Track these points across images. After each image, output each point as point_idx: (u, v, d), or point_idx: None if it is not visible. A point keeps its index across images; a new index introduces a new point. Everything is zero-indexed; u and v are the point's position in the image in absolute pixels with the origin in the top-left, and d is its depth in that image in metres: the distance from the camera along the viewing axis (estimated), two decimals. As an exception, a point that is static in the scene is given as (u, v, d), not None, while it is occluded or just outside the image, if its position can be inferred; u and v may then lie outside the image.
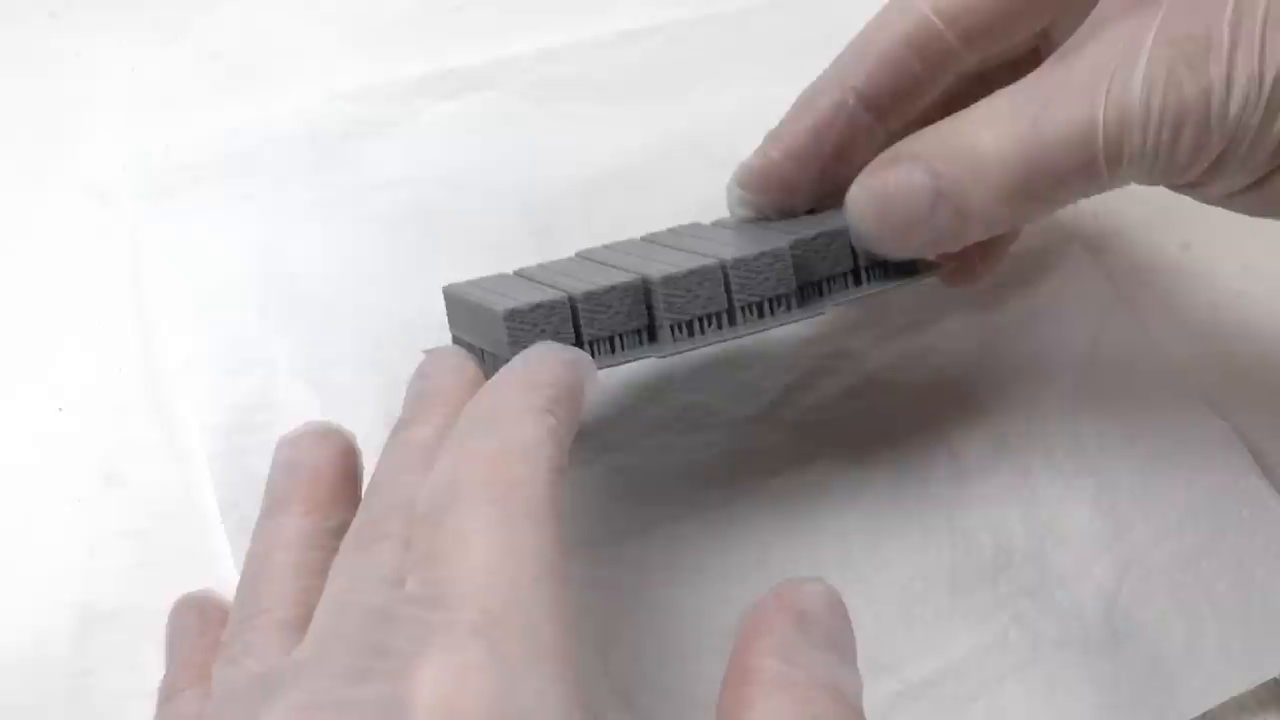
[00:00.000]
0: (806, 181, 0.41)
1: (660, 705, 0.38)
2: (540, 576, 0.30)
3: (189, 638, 0.36)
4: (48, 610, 0.39)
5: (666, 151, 0.48)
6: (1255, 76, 0.35)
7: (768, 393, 0.44)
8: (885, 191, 0.38)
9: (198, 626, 0.36)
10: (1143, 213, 0.48)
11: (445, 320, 0.41)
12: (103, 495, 0.41)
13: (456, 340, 0.41)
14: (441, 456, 0.33)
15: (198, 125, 0.49)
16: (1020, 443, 0.43)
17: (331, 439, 0.37)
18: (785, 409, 0.44)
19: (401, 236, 0.46)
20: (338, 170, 0.48)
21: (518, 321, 0.36)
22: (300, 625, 0.32)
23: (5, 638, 0.38)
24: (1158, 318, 0.45)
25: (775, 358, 0.44)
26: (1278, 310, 0.46)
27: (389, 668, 0.29)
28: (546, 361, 0.35)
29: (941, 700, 0.34)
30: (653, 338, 0.38)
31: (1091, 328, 0.45)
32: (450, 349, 0.39)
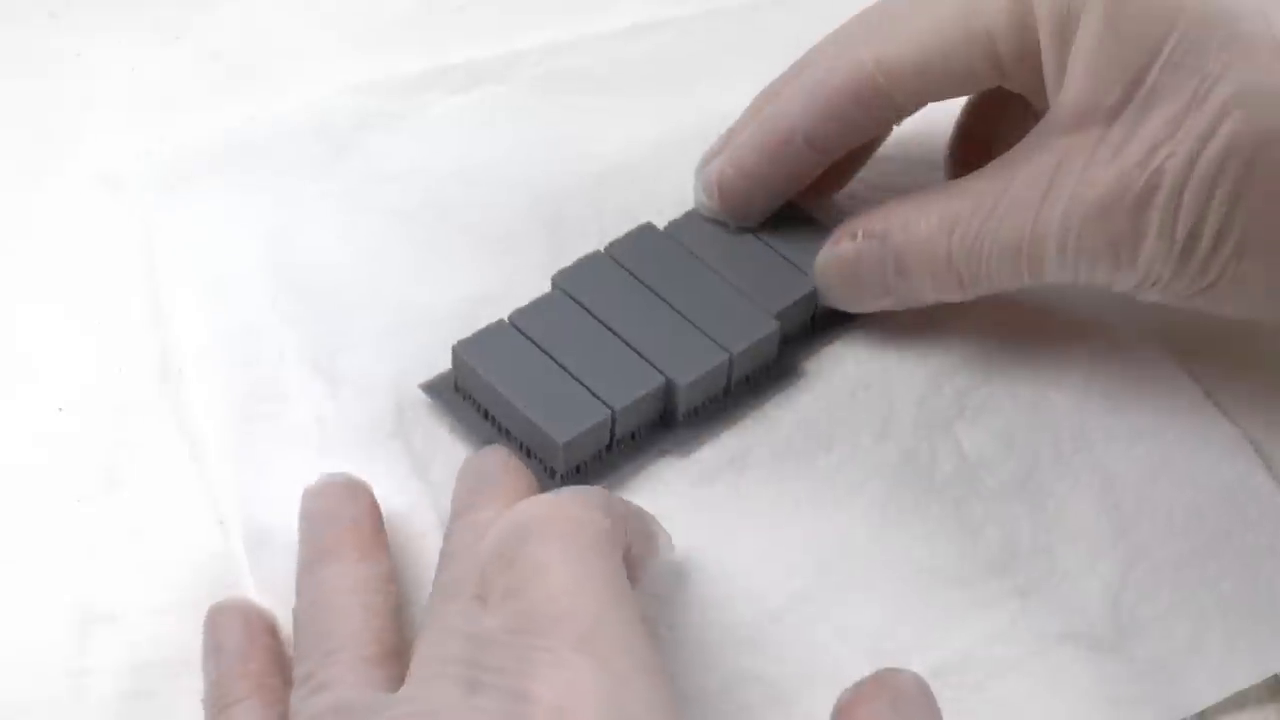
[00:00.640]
0: (760, 197, 0.45)
1: None
2: (618, 599, 0.32)
3: (238, 646, 0.37)
4: (48, 610, 0.38)
5: (674, 144, 0.48)
6: (1167, 234, 0.38)
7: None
8: (850, 263, 0.43)
9: (245, 634, 0.37)
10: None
11: (454, 309, 0.42)
12: (103, 495, 0.41)
13: (460, 392, 0.42)
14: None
15: (198, 125, 0.50)
16: (1027, 438, 0.43)
17: (359, 492, 0.39)
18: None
19: (412, 228, 0.47)
20: (348, 161, 0.48)
21: (573, 449, 0.40)
22: (383, 662, 0.34)
23: (5, 638, 0.38)
24: (1158, 317, 0.45)
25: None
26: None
27: (503, 682, 0.31)
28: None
29: (946, 691, 0.34)
30: (664, 423, 0.42)
31: (1100, 326, 0.45)
32: (500, 449, 0.40)
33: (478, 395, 0.42)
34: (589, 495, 0.36)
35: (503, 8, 0.55)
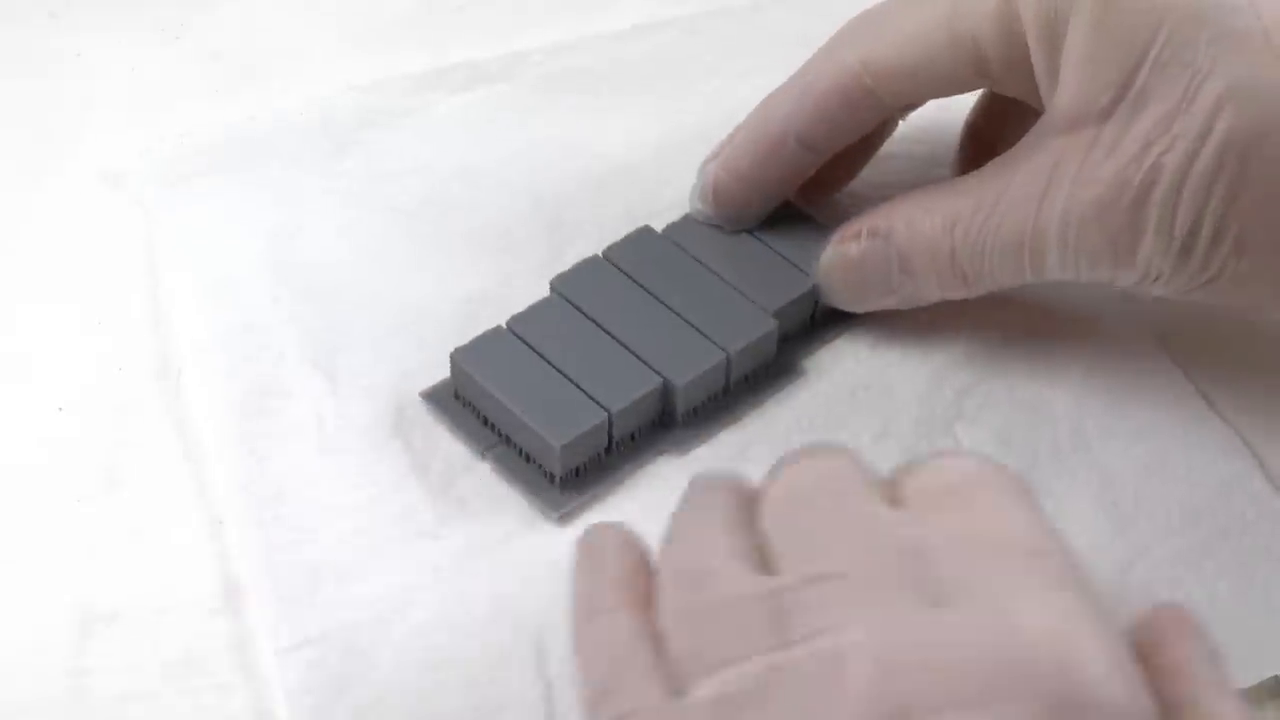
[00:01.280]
0: (755, 199, 0.45)
1: None
2: None
3: (614, 558, 0.35)
4: (48, 610, 0.38)
5: (677, 144, 0.48)
6: (1166, 230, 0.38)
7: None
8: (855, 262, 0.43)
9: (619, 551, 0.35)
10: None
11: (455, 308, 0.43)
12: (103, 495, 0.41)
13: (460, 399, 0.42)
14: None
15: (198, 125, 0.50)
16: (1026, 437, 0.43)
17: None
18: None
19: (414, 226, 0.47)
20: (351, 159, 0.49)
21: (570, 452, 0.40)
22: None
23: (5, 638, 0.38)
24: (1157, 318, 0.45)
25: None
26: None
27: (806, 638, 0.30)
28: None
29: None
30: (663, 424, 0.42)
31: (1099, 326, 0.45)
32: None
33: (476, 402, 0.42)
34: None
35: (503, 8, 0.55)
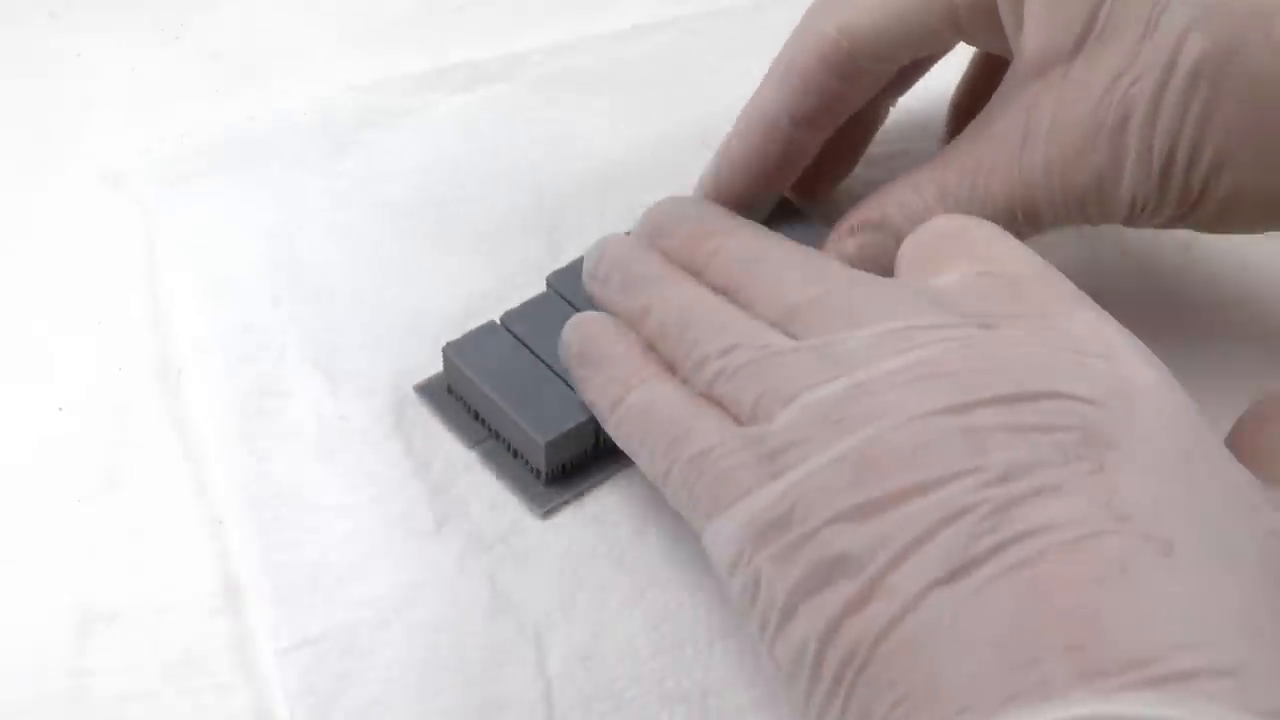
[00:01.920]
0: (759, 192, 0.44)
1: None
2: None
3: (625, 346, 0.38)
4: (48, 610, 0.38)
5: (677, 144, 0.49)
6: (1145, 158, 0.38)
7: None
8: (854, 259, 0.42)
9: (623, 339, 0.39)
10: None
11: (455, 308, 0.43)
12: (103, 495, 0.41)
13: (454, 395, 0.42)
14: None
15: (198, 125, 0.50)
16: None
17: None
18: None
19: (414, 226, 0.47)
20: (351, 159, 0.49)
21: (555, 449, 0.40)
22: None
23: (5, 638, 0.38)
24: (1158, 317, 0.45)
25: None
26: (1278, 310, 0.46)
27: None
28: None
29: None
30: None
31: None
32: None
33: (467, 396, 0.42)
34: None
35: (503, 8, 0.55)
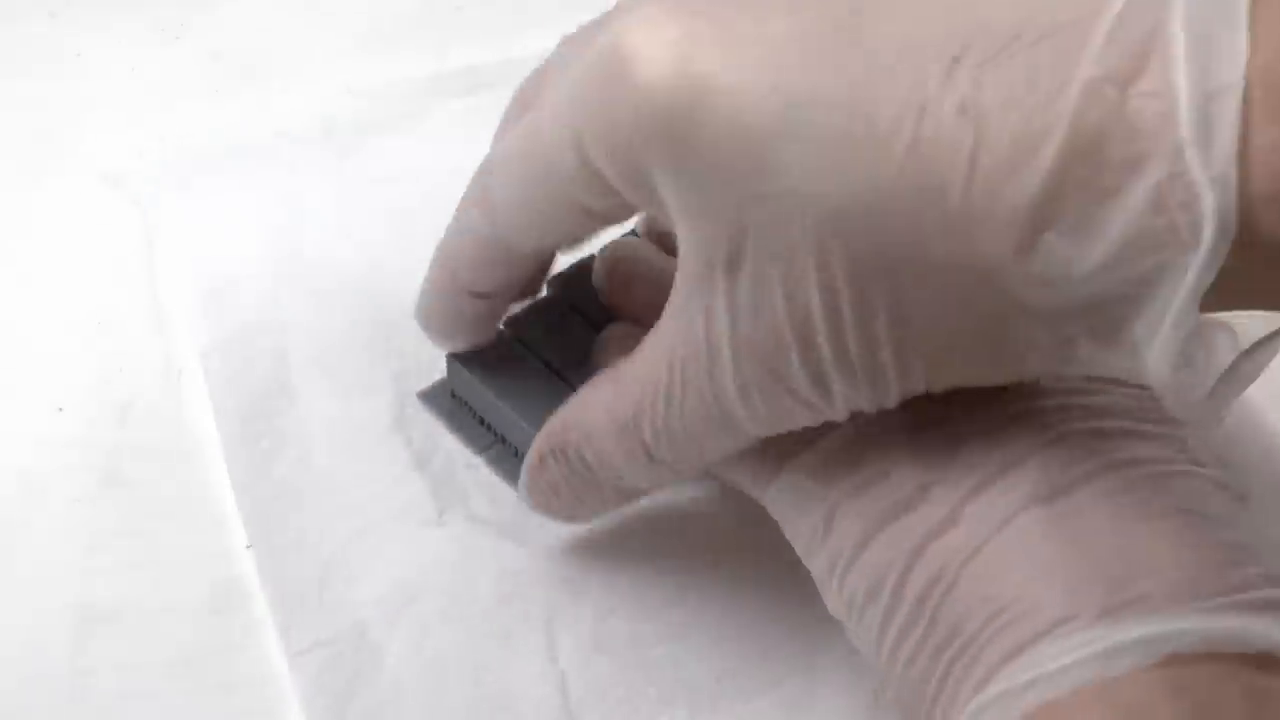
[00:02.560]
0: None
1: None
2: None
3: None
4: (47, 610, 0.38)
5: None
6: (848, 369, 0.33)
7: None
8: (557, 488, 0.38)
9: None
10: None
11: None
12: (103, 495, 0.41)
13: (456, 399, 0.42)
14: None
15: (198, 125, 0.50)
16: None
17: None
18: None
19: (414, 228, 0.46)
20: (352, 161, 0.49)
21: None
22: None
23: (5, 638, 0.38)
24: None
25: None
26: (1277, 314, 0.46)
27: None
28: None
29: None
30: None
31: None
32: None
33: (472, 402, 0.42)
34: None
35: (503, 8, 0.55)
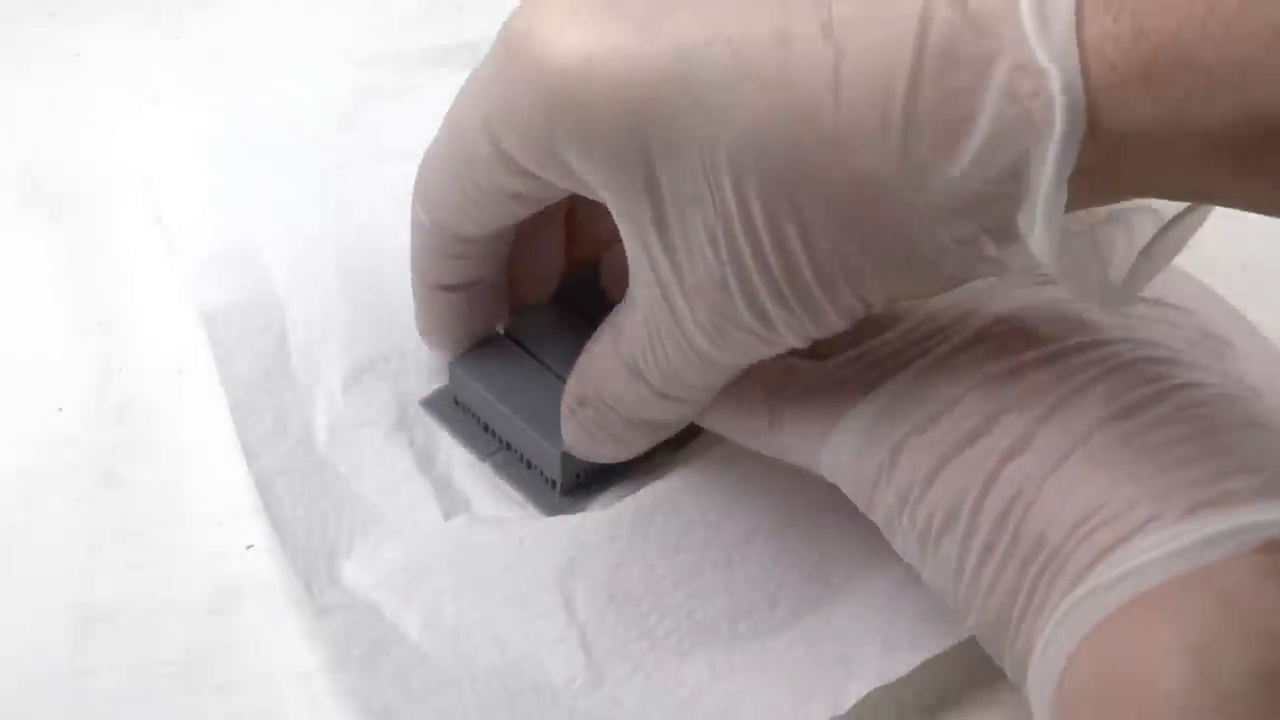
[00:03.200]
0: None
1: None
2: None
3: None
4: (47, 610, 0.38)
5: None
6: (783, 302, 0.33)
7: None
8: (590, 433, 0.39)
9: None
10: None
11: None
12: (102, 495, 0.41)
13: (460, 406, 0.42)
14: None
15: (198, 125, 0.50)
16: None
17: None
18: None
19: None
20: (351, 134, 0.49)
21: (571, 459, 0.40)
22: None
23: (5, 638, 0.38)
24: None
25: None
26: (1277, 310, 0.46)
27: None
28: None
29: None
30: None
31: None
32: None
33: (476, 409, 0.42)
34: None
35: (502, 9, 0.55)
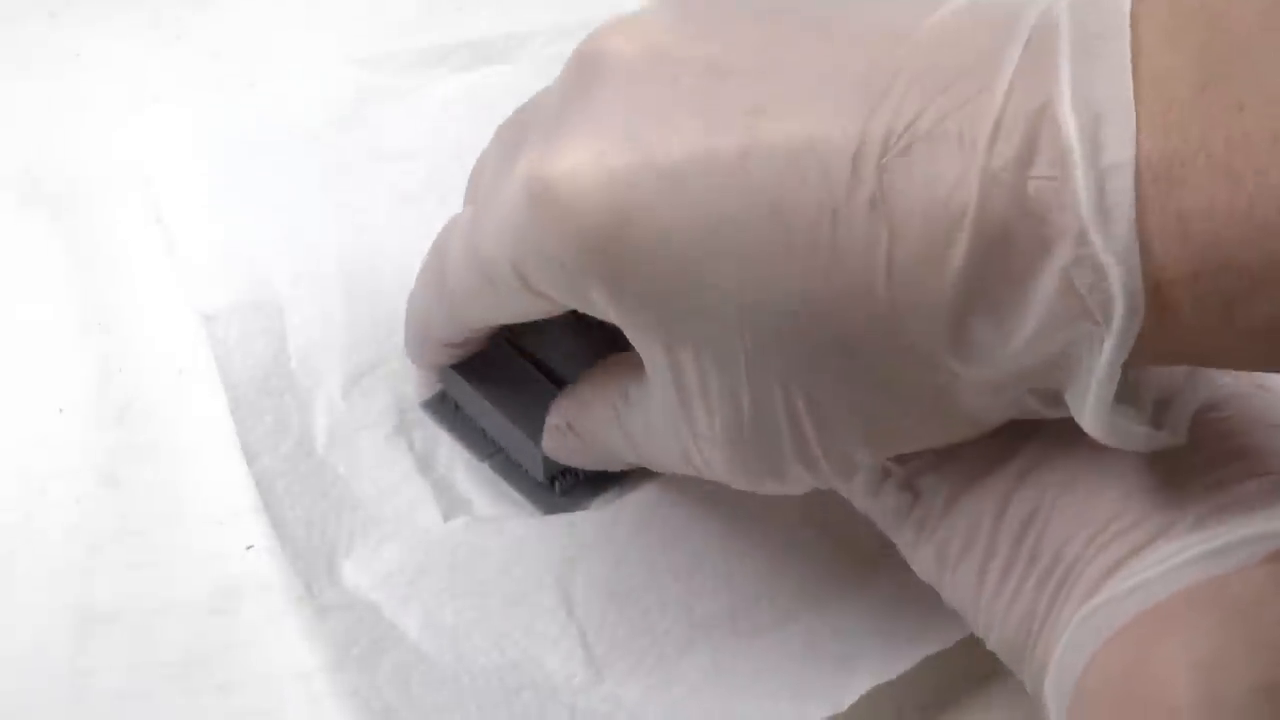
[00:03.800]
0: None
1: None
2: None
3: None
4: (48, 610, 0.38)
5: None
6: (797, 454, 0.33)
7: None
8: (574, 453, 0.40)
9: None
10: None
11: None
12: (102, 496, 0.41)
13: (452, 403, 0.42)
14: None
15: (198, 125, 0.50)
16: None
17: None
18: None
19: (415, 208, 0.47)
20: (352, 136, 0.49)
21: (552, 462, 0.40)
22: None
23: (5, 638, 0.38)
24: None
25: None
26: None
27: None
28: None
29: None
30: None
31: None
32: None
33: (468, 408, 0.42)
34: None
35: (501, 9, 0.55)
